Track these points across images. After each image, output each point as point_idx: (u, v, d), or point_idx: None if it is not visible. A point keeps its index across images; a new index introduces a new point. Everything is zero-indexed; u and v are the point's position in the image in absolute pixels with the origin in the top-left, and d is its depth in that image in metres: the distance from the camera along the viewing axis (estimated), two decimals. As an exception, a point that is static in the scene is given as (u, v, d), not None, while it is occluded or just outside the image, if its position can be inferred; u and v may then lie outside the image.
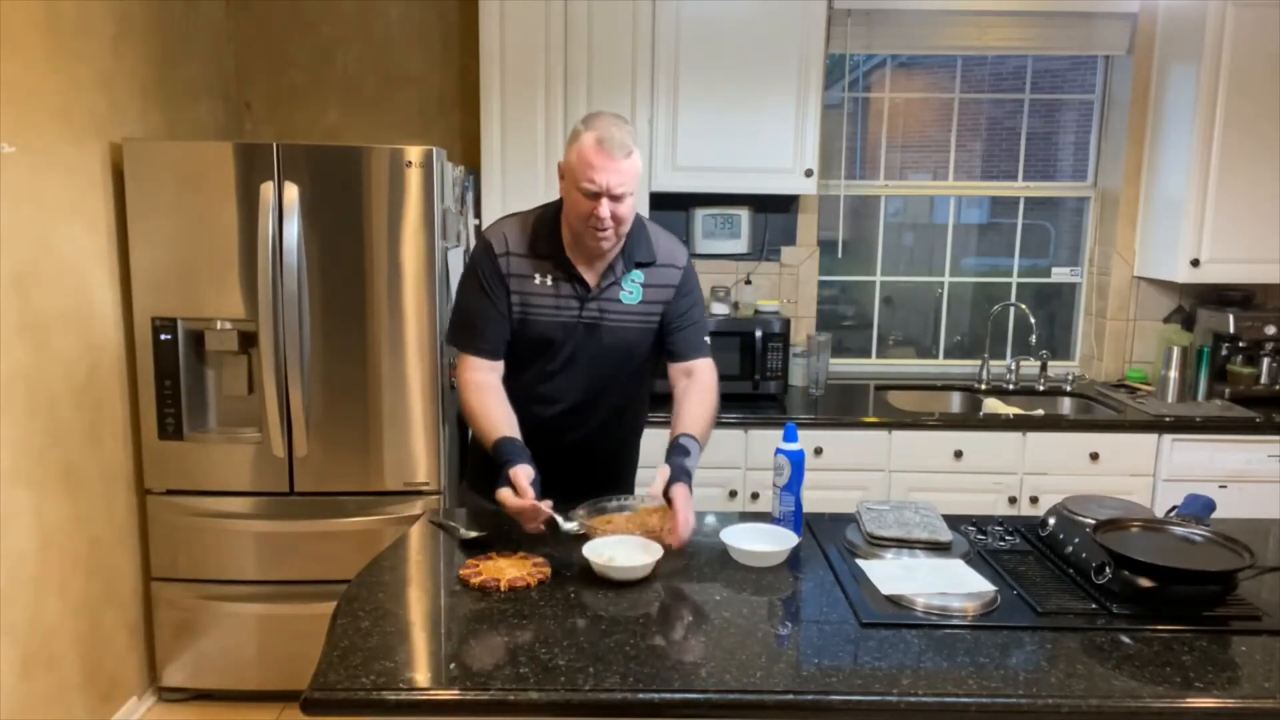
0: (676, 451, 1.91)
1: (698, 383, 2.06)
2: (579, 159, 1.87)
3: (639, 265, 2.04)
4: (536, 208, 2.08)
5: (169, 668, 2.96)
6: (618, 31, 3.21)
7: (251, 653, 2.94)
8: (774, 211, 3.70)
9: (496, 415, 1.93)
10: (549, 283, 2.00)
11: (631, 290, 2.04)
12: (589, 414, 2.10)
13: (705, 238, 3.64)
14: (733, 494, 3.20)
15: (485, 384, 1.99)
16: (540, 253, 2.00)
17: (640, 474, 2.32)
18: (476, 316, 2.01)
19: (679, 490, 1.81)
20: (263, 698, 2.98)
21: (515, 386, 2.03)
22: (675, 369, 2.11)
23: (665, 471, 1.85)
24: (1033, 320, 3.61)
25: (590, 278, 2.01)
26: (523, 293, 2.00)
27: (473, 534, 1.88)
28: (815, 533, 1.95)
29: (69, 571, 2.61)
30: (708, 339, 2.13)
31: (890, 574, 1.71)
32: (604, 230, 1.90)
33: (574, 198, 1.90)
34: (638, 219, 2.05)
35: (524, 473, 1.79)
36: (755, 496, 3.19)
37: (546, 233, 2.01)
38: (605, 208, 1.87)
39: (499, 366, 2.03)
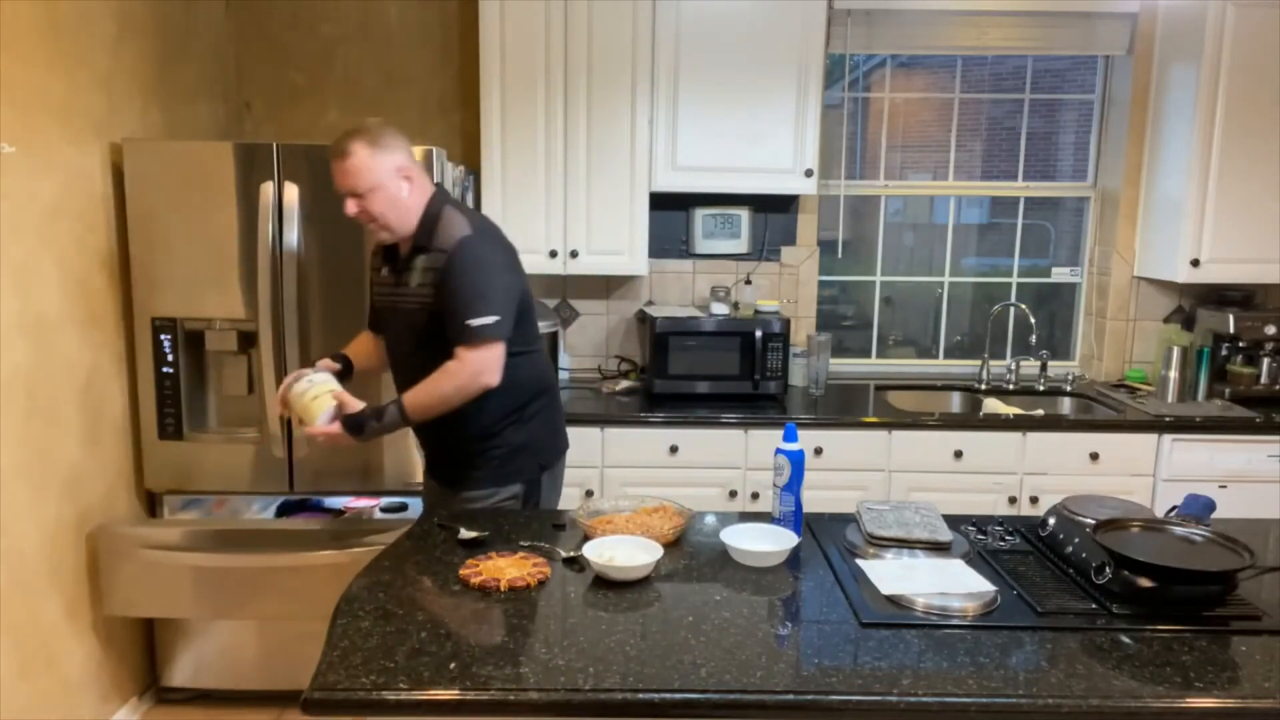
0: (369, 409, 2.18)
1: (445, 367, 2.15)
2: None
3: (419, 250, 2.20)
4: None
5: (169, 668, 2.96)
6: (618, 31, 3.21)
7: (251, 653, 2.94)
8: (774, 211, 3.70)
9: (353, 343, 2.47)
10: (384, 271, 2.31)
11: (416, 273, 2.21)
12: (409, 386, 2.23)
13: (705, 238, 3.64)
14: (733, 494, 3.20)
15: (362, 334, 2.50)
16: (378, 249, 2.33)
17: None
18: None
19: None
20: (263, 698, 2.97)
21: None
22: None
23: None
24: (1033, 320, 3.61)
25: (398, 265, 2.26)
26: (374, 281, 2.38)
27: (473, 534, 1.89)
28: (815, 533, 1.96)
29: (69, 571, 2.61)
30: (475, 323, 2.12)
31: (890, 574, 1.71)
32: (368, 225, 2.19)
33: None
34: (435, 212, 2.20)
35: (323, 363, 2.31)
36: (755, 496, 3.19)
37: None
38: (350, 206, 2.15)
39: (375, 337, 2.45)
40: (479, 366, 2.12)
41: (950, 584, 1.65)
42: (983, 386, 3.68)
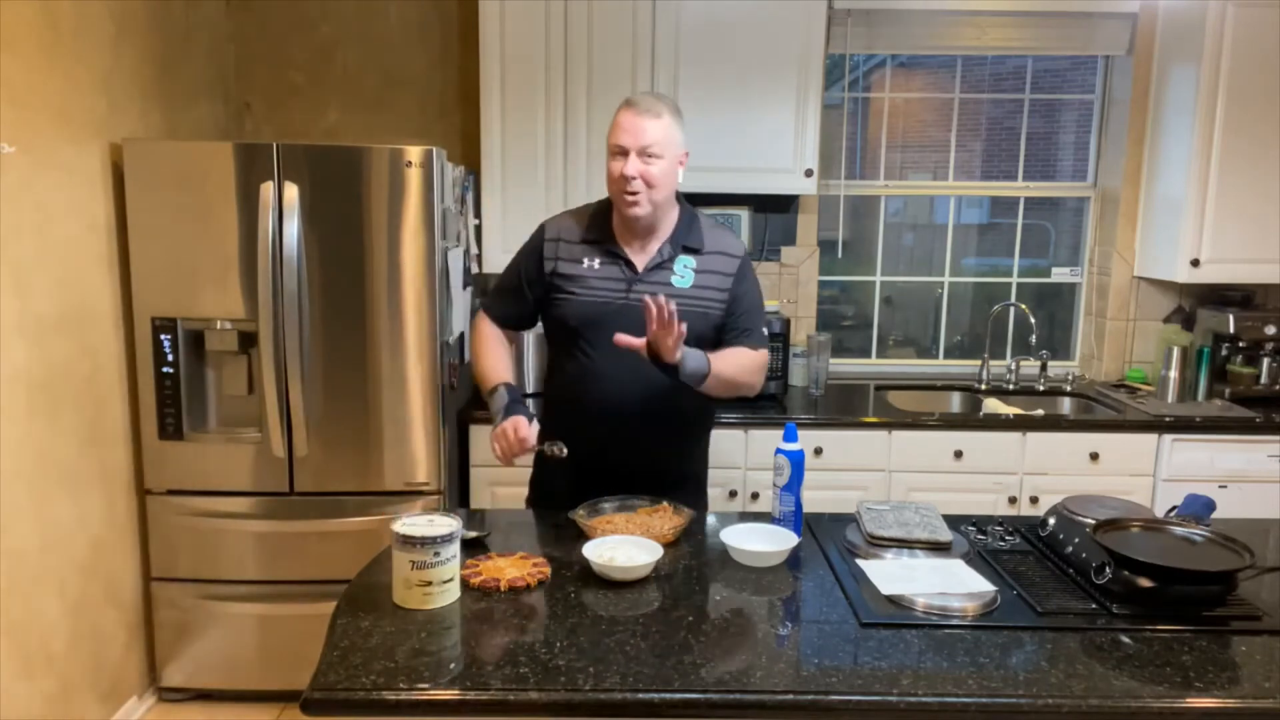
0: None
1: (748, 353, 2.08)
2: (612, 124, 1.99)
3: (688, 250, 2.07)
4: (598, 200, 2.17)
5: (169, 668, 2.96)
6: (618, 31, 3.21)
7: (251, 653, 2.94)
8: (774, 211, 3.70)
9: (497, 358, 2.13)
10: (596, 265, 2.05)
11: (683, 274, 2.06)
12: (641, 399, 2.03)
13: (705, 238, 3.63)
14: (733, 494, 3.20)
15: (492, 335, 2.18)
16: (589, 238, 2.08)
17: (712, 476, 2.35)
18: (500, 286, 2.22)
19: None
20: (263, 698, 2.98)
21: (566, 370, 2.11)
22: None
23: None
24: (1033, 320, 3.61)
25: (638, 260, 2.05)
26: (569, 276, 2.06)
27: (473, 534, 1.88)
28: (815, 533, 1.95)
29: (69, 571, 2.61)
30: (767, 332, 2.17)
31: (890, 574, 1.71)
32: (633, 192, 1.95)
33: (608, 164, 1.99)
34: (691, 212, 2.12)
35: (525, 423, 1.95)
36: (755, 496, 3.19)
37: (598, 219, 2.10)
38: (632, 165, 1.93)
39: (505, 335, 2.21)
40: (764, 370, 2.12)
41: (950, 584, 1.65)
42: (983, 386, 3.68)
